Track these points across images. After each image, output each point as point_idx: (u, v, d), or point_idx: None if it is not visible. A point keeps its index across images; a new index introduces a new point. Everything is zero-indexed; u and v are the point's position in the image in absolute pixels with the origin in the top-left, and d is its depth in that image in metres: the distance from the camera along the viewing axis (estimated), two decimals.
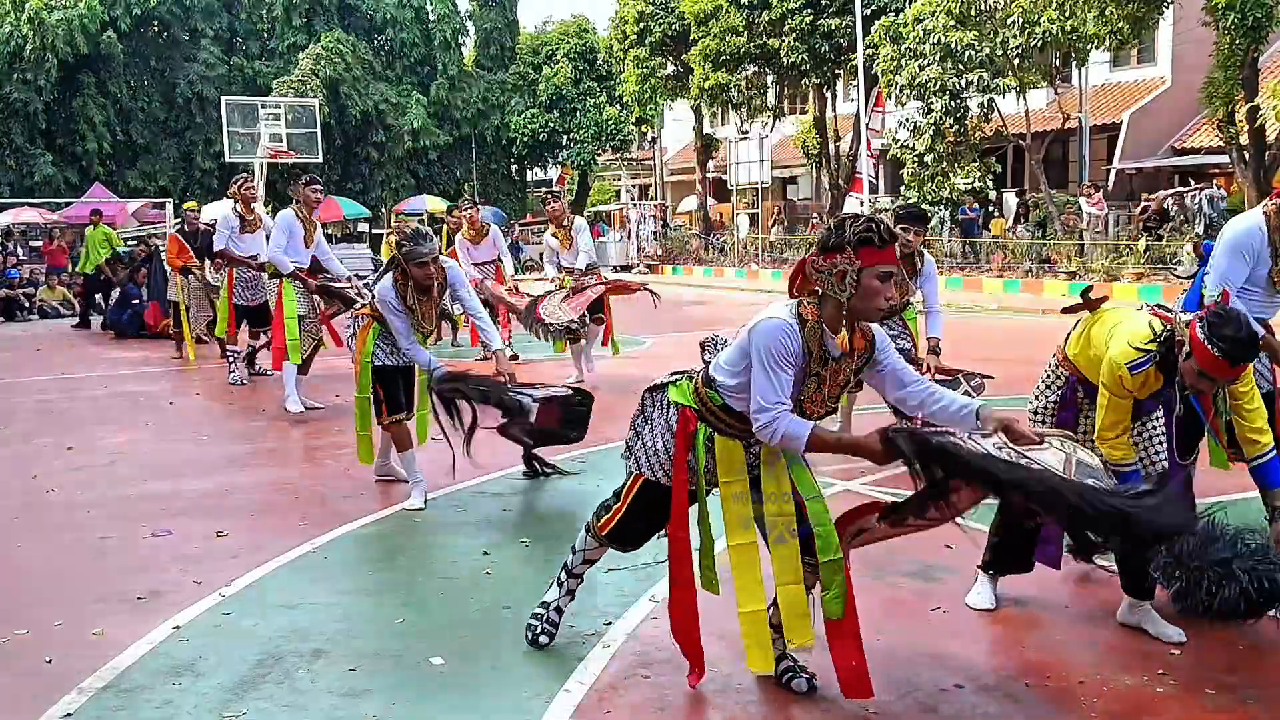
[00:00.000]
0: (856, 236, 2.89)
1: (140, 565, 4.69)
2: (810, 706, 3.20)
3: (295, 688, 3.39)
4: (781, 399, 2.94)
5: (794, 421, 2.95)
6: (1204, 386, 3.44)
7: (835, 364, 3.02)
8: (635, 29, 29.33)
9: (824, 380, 3.02)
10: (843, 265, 2.90)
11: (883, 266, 2.89)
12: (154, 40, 33.16)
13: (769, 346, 2.94)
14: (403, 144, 34.31)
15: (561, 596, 3.68)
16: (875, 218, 2.99)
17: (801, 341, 2.95)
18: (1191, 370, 3.37)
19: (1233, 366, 3.32)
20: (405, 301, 5.40)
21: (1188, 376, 3.41)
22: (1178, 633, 3.58)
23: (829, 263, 2.93)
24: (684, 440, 3.20)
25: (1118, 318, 3.66)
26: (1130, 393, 3.50)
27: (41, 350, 13.89)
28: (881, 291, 2.91)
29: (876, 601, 4.08)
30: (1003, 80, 20.93)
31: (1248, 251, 4.22)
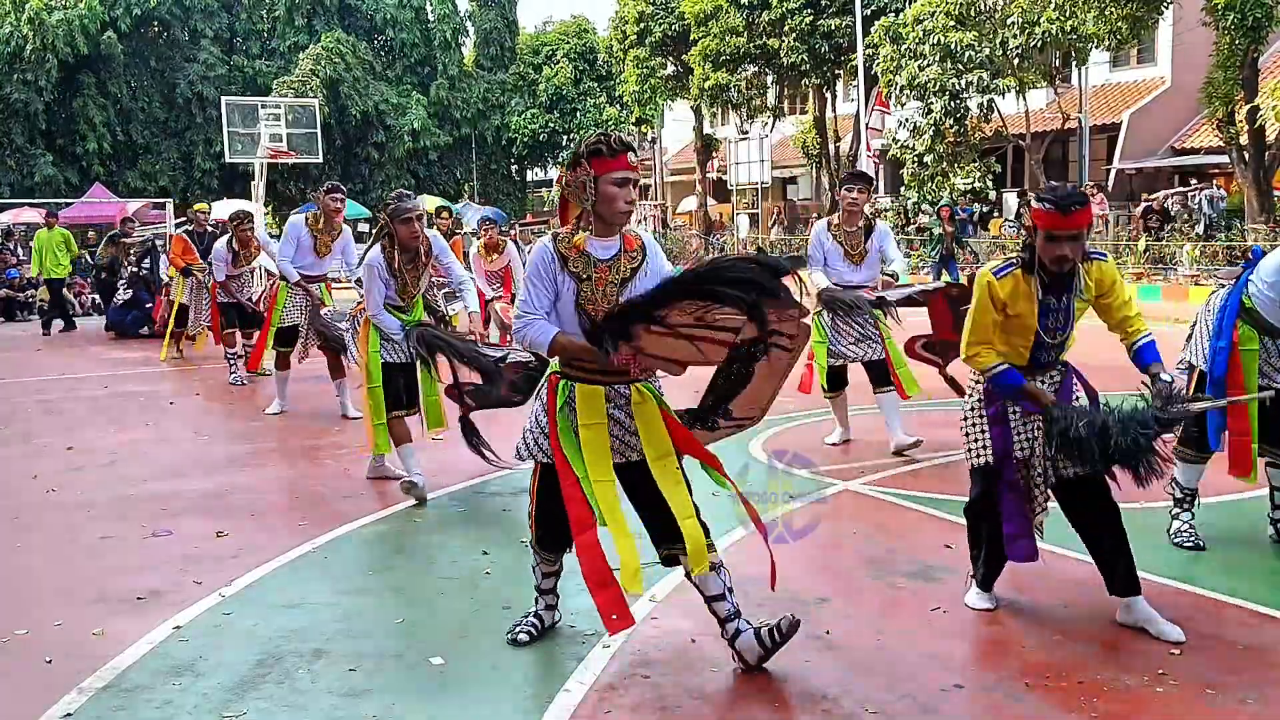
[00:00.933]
0: (589, 149, 3.29)
1: (140, 565, 4.69)
2: (810, 706, 3.20)
3: (295, 688, 3.39)
4: (535, 309, 3.34)
5: (541, 329, 3.32)
6: (1058, 253, 3.52)
7: (604, 266, 3.35)
8: (635, 29, 29.34)
9: (595, 282, 3.34)
10: (582, 177, 3.29)
11: (616, 173, 3.27)
12: (154, 40, 33.17)
13: (529, 265, 3.41)
14: (403, 144, 34.30)
15: (542, 609, 3.77)
16: (605, 131, 3.34)
17: (553, 252, 3.34)
18: (1042, 243, 3.54)
19: (1064, 215, 3.48)
20: (392, 268, 5.56)
21: (1042, 253, 3.56)
22: (1177, 631, 3.58)
23: (573, 177, 3.33)
24: (552, 404, 3.42)
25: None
26: (1001, 303, 3.63)
27: (41, 350, 13.89)
28: (619, 195, 3.30)
29: (876, 601, 4.09)
30: (1003, 80, 20.93)
31: None
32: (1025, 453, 3.74)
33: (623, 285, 3.36)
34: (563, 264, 3.33)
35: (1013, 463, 3.73)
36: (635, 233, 3.46)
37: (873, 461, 6.22)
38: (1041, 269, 3.61)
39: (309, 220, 8.16)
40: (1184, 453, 4.58)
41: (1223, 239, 18.14)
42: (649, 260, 3.43)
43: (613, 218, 3.33)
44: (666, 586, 4.15)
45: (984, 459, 3.76)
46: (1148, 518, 4.80)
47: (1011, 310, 3.64)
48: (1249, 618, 3.81)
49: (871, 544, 4.77)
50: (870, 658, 3.55)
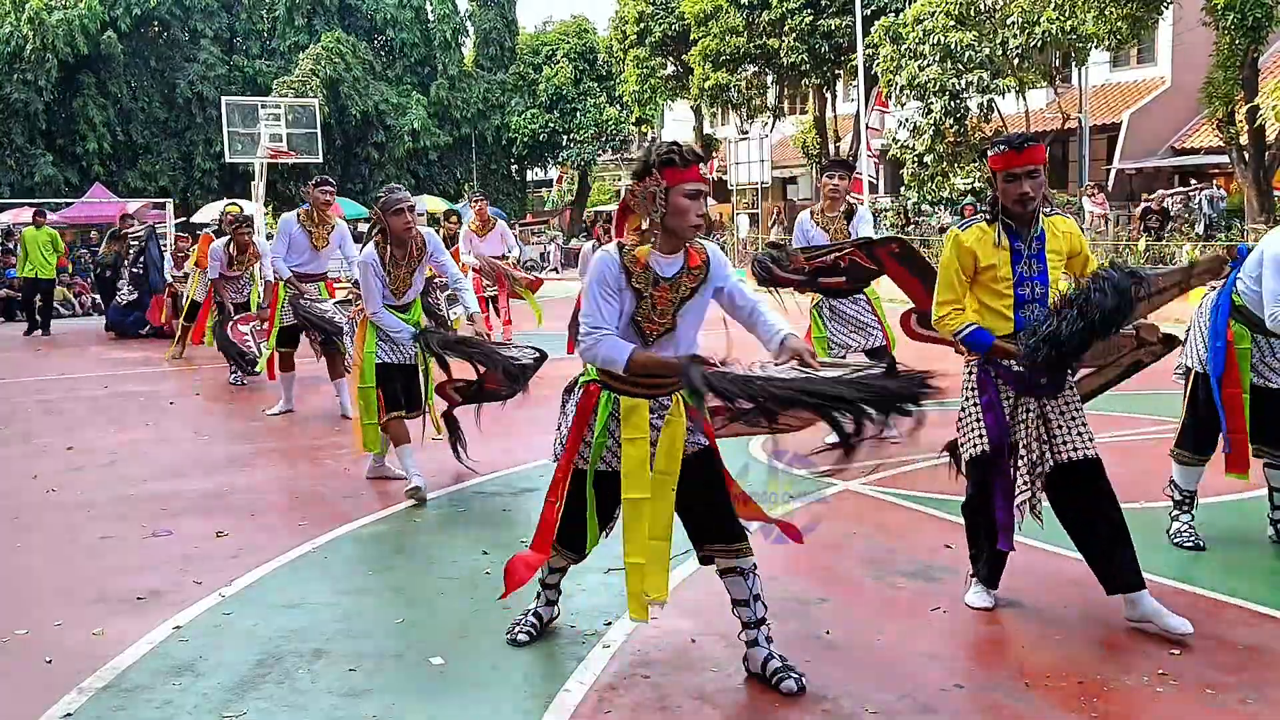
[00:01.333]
0: (660, 159, 3.15)
1: (140, 565, 4.69)
2: (810, 706, 3.20)
3: (295, 688, 3.39)
4: (604, 324, 3.18)
5: (613, 345, 3.17)
6: (1020, 191, 3.61)
7: (667, 284, 3.24)
8: (635, 29, 29.35)
9: (655, 299, 3.24)
10: (652, 187, 3.16)
11: (688, 184, 3.15)
12: (154, 40, 33.15)
13: (592, 276, 3.22)
14: (403, 144, 34.28)
15: (542, 606, 3.75)
16: (677, 141, 3.24)
17: (620, 264, 3.19)
18: (1004, 186, 3.65)
19: (1018, 152, 3.61)
20: (385, 264, 5.56)
21: (1005, 198, 3.66)
22: (1184, 624, 3.57)
23: (641, 187, 3.19)
24: (582, 414, 3.37)
25: None
26: (970, 254, 3.69)
27: (41, 350, 13.89)
28: (691, 209, 3.16)
29: (876, 601, 4.09)
30: (1002, 80, 20.93)
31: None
32: (1018, 438, 3.74)
33: (681, 304, 3.27)
34: (626, 278, 3.20)
35: (1006, 450, 3.73)
36: (700, 245, 3.33)
37: (873, 461, 6.21)
38: (1007, 216, 3.70)
39: (300, 216, 8.11)
40: (1181, 455, 4.59)
41: (1223, 239, 18.13)
42: (711, 275, 3.32)
43: (683, 231, 3.20)
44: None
45: (980, 448, 3.76)
46: (1147, 517, 4.80)
47: (982, 261, 3.70)
48: (1249, 618, 3.81)
49: (871, 544, 4.77)
50: (870, 658, 3.55)
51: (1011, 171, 3.62)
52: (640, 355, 3.17)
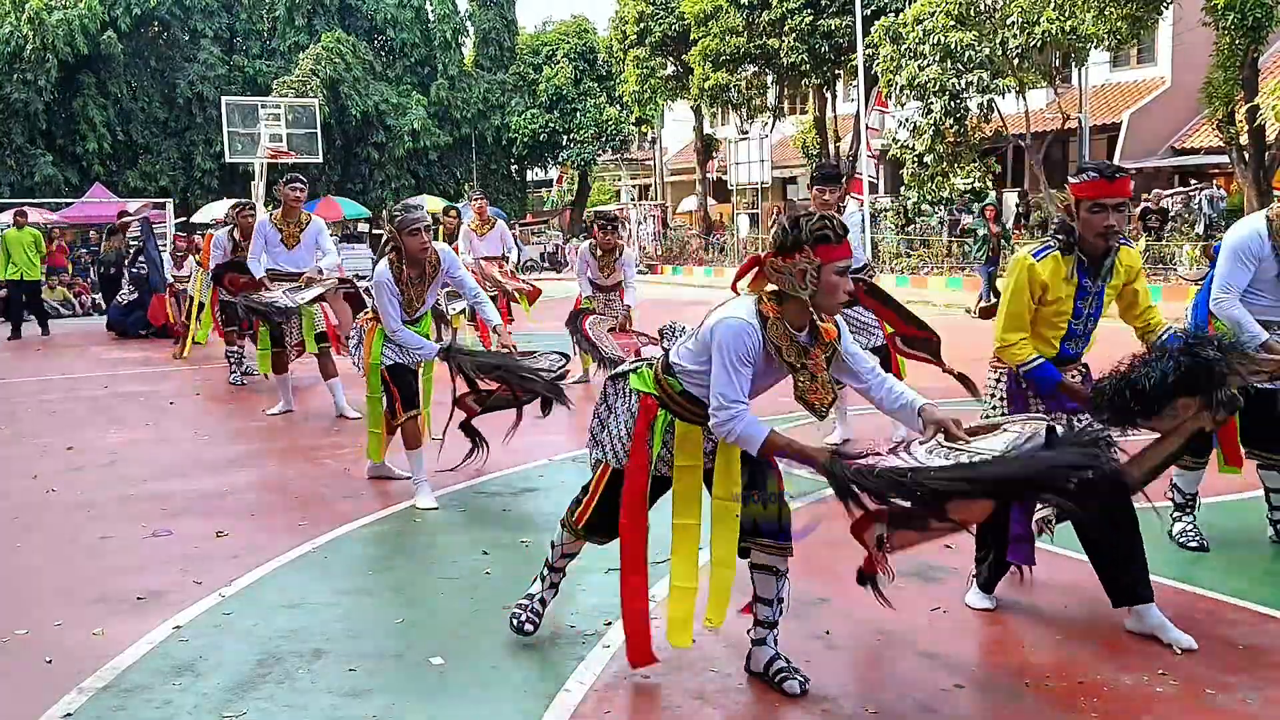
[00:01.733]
0: (814, 235, 3.02)
1: (140, 565, 4.69)
2: (810, 706, 3.20)
3: (295, 688, 3.39)
4: (740, 398, 3.04)
5: (751, 423, 3.05)
6: (1106, 223, 3.49)
7: (814, 351, 3.14)
8: (635, 29, 29.34)
9: (811, 370, 3.13)
10: (803, 264, 3.02)
11: (840, 262, 3.04)
12: (154, 40, 33.15)
13: (731, 346, 3.04)
14: (403, 144, 34.28)
15: (545, 590, 3.73)
16: (828, 215, 3.08)
17: (762, 339, 3.07)
18: (1087, 216, 3.52)
19: (1110, 181, 3.48)
20: (400, 281, 5.46)
21: (1086, 228, 3.53)
22: (1188, 639, 3.53)
23: (789, 263, 3.05)
24: (644, 426, 3.30)
25: None
26: (1041, 286, 3.57)
27: (41, 350, 13.89)
28: (841, 285, 3.06)
29: (876, 602, 4.08)
30: (1002, 80, 20.92)
31: (1247, 254, 4.24)
32: None
33: (828, 369, 3.19)
34: (775, 352, 3.08)
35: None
36: (829, 319, 3.21)
37: None
38: (1082, 250, 3.58)
39: (273, 215, 8.15)
40: (1182, 459, 4.58)
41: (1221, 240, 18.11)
42: (844, 341, 3.23)
43: (830, 308, 3.11)
44: (666, 586, 4.15)
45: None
46: (1147, 517, 4.80)
47: (1050, 295, 3.59)
48: (1249, 618, 3.81)
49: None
50: (870, 658, 3.55)
51: (1100, 202, 3.48)
52: (777, 438, 3.04)
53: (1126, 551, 3.62)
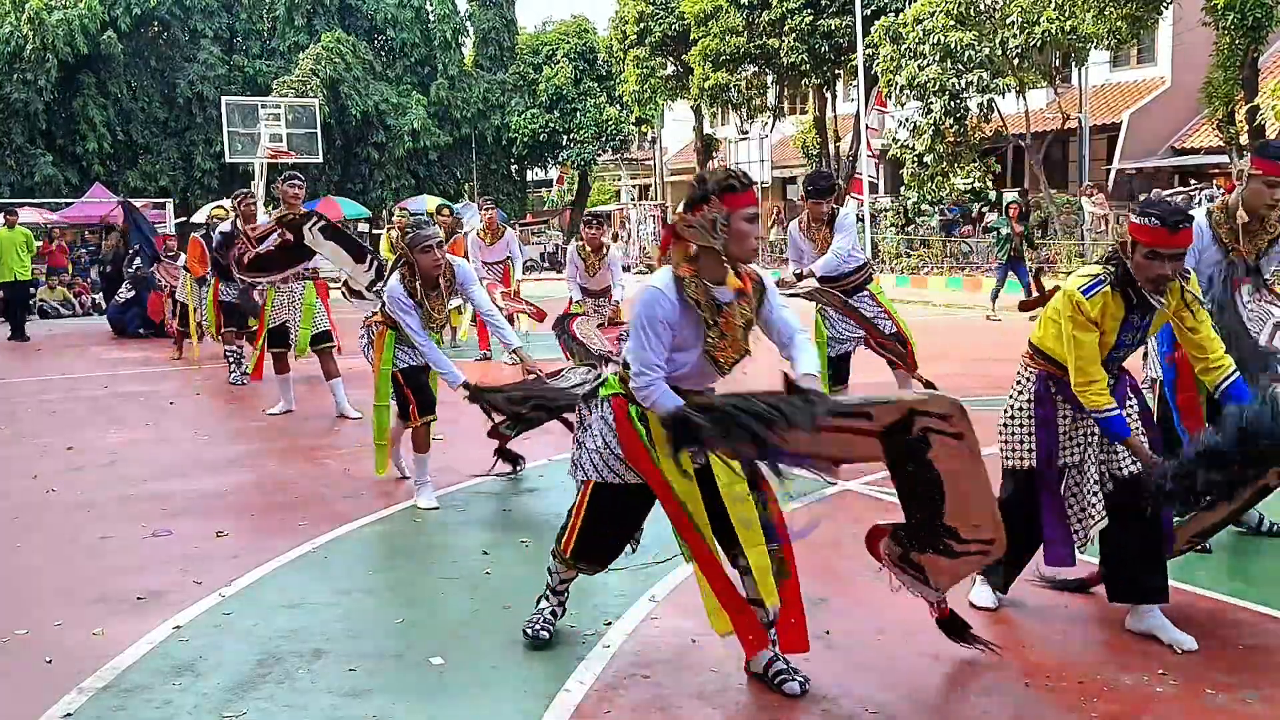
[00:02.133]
0: (720, 185, 3.13)
1: (140, 565, 4.69)
2: (810, 706, 3.20)
3: (295, 688, 3.39)
4: (656, 364, 3.14)
5: (665, 393, 3.13)
6: (1160, 272, 3.38)
7: (729, 309, 3.21)
8: (635, 29, 29.33)
9: (723, 327, 3.20)
10: (712, 214, 3.12)
11: (748, 208, 3.15)
12: (154, 40, 33.13)
13: (644, 314, 3.15)
14: (403, 144, 34.27)
15: (554, 607, 3.74)
16: (730, 167, 3.21)
17: (679, 300, 3.15)
18: (1142, 261, 3.39)
19: (1172, 232, 3.32)
20: (414, 297, 5.34)
21: (1142, 273, 3.40)
22: (1189, 640, 3.52)
23: (699, 215, 3.14)
24: (626, 422, 3.30)
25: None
26: (1092, 323, 3.46)
27: (41, 350, 13.89)
28: (750, 233, 3.17)
29: (876, 601, 4.08)
30: (1002, 80, 20.93)
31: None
32: (1075, 457, 3.63)
33: (748, 327, 3.27)
34: (689, 309, 3.16)
35: (1055, 468, 3.63)
36: (748, 270, 3.29)
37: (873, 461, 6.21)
38: (1131, 287, 3.46)
39: (272, 216, 8.22)
40: None
41: None
42: (770, 300, 3.31)
43: (744, 255, 3.19)
44: (667, 586, 4.16)
45: (1027, 462, 3.67)
46: None
47: (1102, 328, 3.50)
48: (1249, 618, 3.82)
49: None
50: (870, 658, 3.56)
51: (1158, 250, 3.35)
52: (679, 411, 3.10)
53: (1140, 552, 3.59)
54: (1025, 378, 3.75)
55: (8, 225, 15.27)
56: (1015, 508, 3.66)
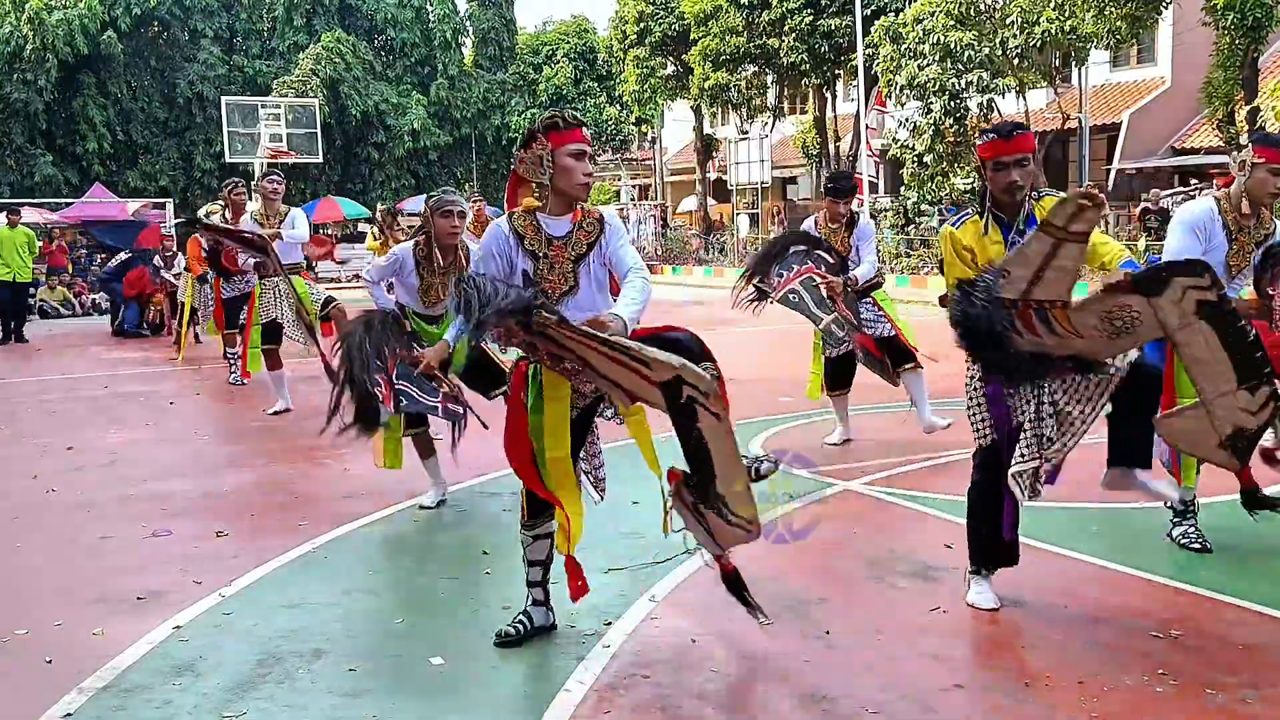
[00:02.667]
0: (544, 124, 3.44)
1: (140, 565, 4.69)
2: (810, 706, 3.20)
3: (295, 688, 3.39)
4: (481, 271, 3.42)
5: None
6: (1008, 180, 3.68)
7: (560, 243, 3.49)
8: (635, 29, 29.35)
9: (552, 259, 3.49)
10: (539, 151, 3.44)
11: (572, 145, 3.42)
12: (154, 40, 33.15)
13: (481, 243, 3.60)
14: (403, 144, 34.29)
15: (530, 606, 3.76)
16: (559, 109, 3.52)
17: (510, 233, 3.50)
18: (992, 175, 3.71)
19: (1006, 140, 3.68)
20: (422, 265, 5.25)
21: (994, 186, 3.73)
22: (1172, 489, 3.78)
23: (529, 153, 3.47)
24: (518, 380, 3.54)
25: None
26: (966, 249, 3.73)
27: (41, 350, 13.89)
28: (576, 168, 3.44)
29: (876, 601, 4.08)
30: (1002, 80, 20.93)
31: (1199, 229, 4.33)
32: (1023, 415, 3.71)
33: (578, 261, 3.50)
34: (519, 241, 3.48)
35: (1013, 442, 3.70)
36: (594, 208, 3.57)
37: (873, 461, 6.22)
38: (997, 207, 3.75)
39: (255, 214, 8.35)
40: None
41: None
42: (607, 238, 3.53)
43: (572, 190, 3.45)
44: (667, 586, 4.16)
45: (990, 438, 3.80)
46: (1148, 518, 4.80)
47: (980, 257, 3.72)
48: (1249, 618, 3.81)
49: (871, 544, 4.77)
50: (870, 658, 3.55)
51: (1000, 160, 3.68)
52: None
53: (1141, 425, 3.74)
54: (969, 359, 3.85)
55: (10, 225, 14.99)
56: (987, 486, 3.79)
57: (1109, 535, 4.74)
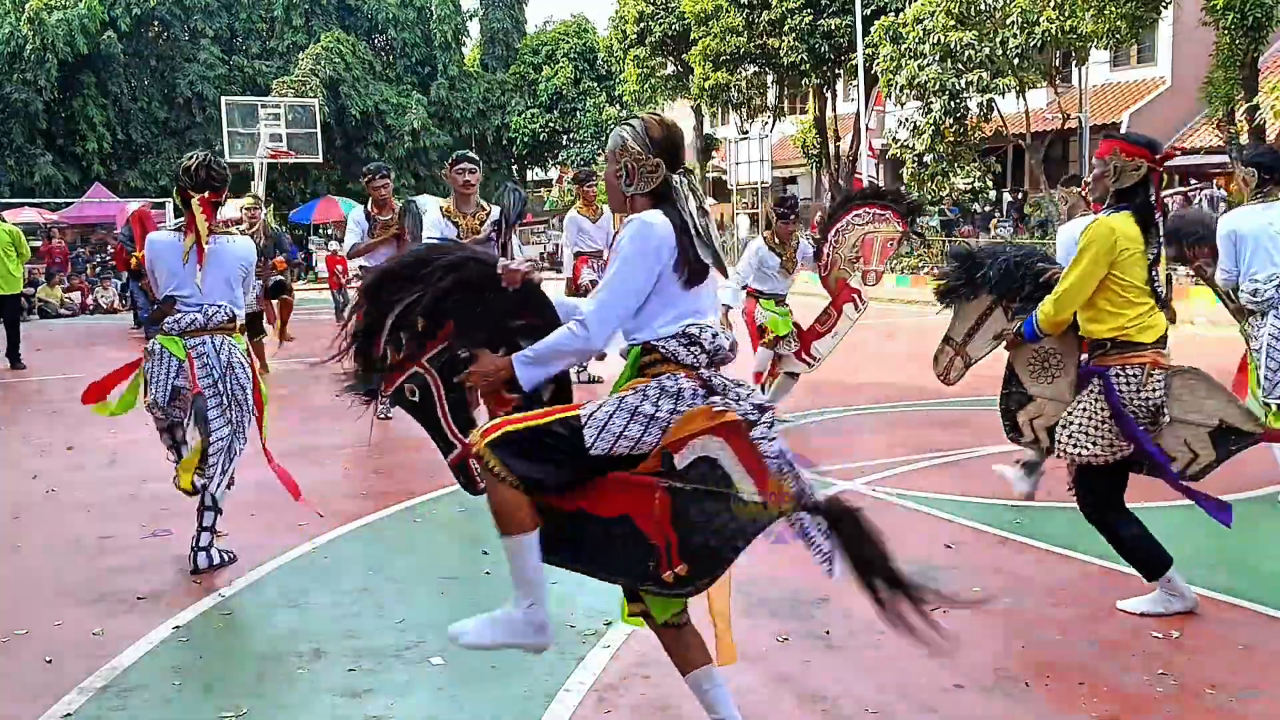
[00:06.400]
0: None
1: (140, 565, 4.68)
2: (810, 706, 3.20)
3: (295, 688, 3.39)
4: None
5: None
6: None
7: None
8: (635, 29, 29.35)
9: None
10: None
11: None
12: (154, 40, 33.15)
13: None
14: (403, 144, 34.28)
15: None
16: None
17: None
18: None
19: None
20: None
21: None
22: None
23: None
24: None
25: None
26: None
27: (41, 350, 13.88)
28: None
29: None
30: (1002, 80, 20.92)
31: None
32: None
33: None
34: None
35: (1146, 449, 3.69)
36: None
37: (873, 461, 6.22)
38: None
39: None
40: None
41: None
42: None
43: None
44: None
45: (1117, 453, 3.70)
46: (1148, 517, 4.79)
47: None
48: (1249, 618, 3.81)
49: None
50: (870, 658, 3.55)
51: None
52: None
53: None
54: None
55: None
56: (1107, 501, 3.84)
57: None
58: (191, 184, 4.45)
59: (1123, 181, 3.68)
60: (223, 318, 4.56)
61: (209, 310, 4.52)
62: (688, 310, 2.74)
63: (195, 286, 4.49)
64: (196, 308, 4.51)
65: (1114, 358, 3.66)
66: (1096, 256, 3.60)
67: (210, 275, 4.49)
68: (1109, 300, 3.64)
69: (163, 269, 4.54)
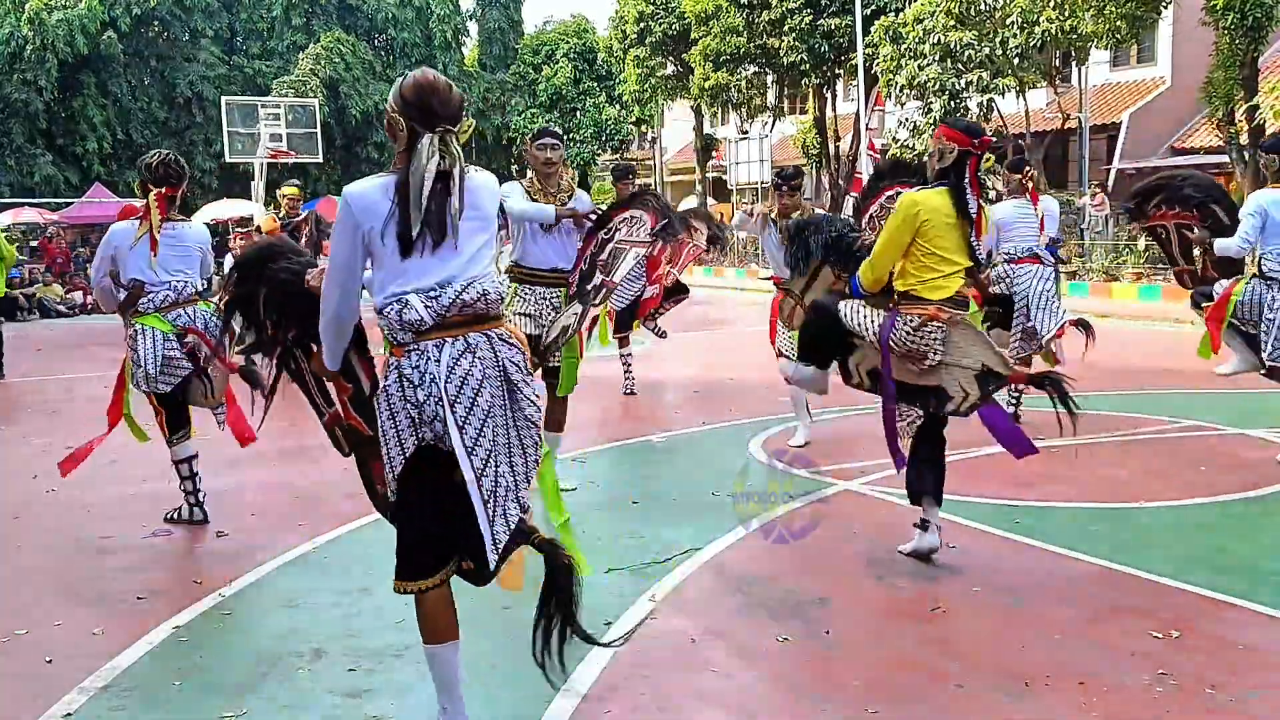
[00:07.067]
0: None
1: (140, 565, 4.69)
2: (810, 706, 3.20)
3: (295, 688, 3.39)
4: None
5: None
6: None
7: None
8: (635, 29, 29.35)
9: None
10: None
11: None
12: (154, 40, 33.15)
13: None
14: None
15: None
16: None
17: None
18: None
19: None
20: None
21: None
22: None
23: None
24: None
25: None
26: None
27: (41, 350, 13.89)
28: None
29: (876, 601, 4.08)
30: (1002, 80, 20.92)
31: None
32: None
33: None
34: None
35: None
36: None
37: (873, 461, 6.22)
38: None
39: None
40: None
41: None
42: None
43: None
44: (666, 586, 4.16)
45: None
46: (1146, 517, 4.80)
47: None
48: (1249, 618, 3.81)
49: (871, 544, 4.77)
50: (870, 658, 3.55)
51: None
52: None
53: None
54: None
55: None
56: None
57: (1109, 535, 4.73)
58: (151, 179, 5.11)
59: (944, 161, 4.21)
60: (190, 291, 5.20)
61: (177, 285, 5.14)
62: (409, 279, 2.76)
63: (153, 271, 5.08)
64: (165, 285, 5.11)
65: (902, 307, 4.20)
66: (899, 224, 4.14)
67: (171, 255, 5.12)
68: (912, 262, 4.18)
69: (122, 255, 5.09)
